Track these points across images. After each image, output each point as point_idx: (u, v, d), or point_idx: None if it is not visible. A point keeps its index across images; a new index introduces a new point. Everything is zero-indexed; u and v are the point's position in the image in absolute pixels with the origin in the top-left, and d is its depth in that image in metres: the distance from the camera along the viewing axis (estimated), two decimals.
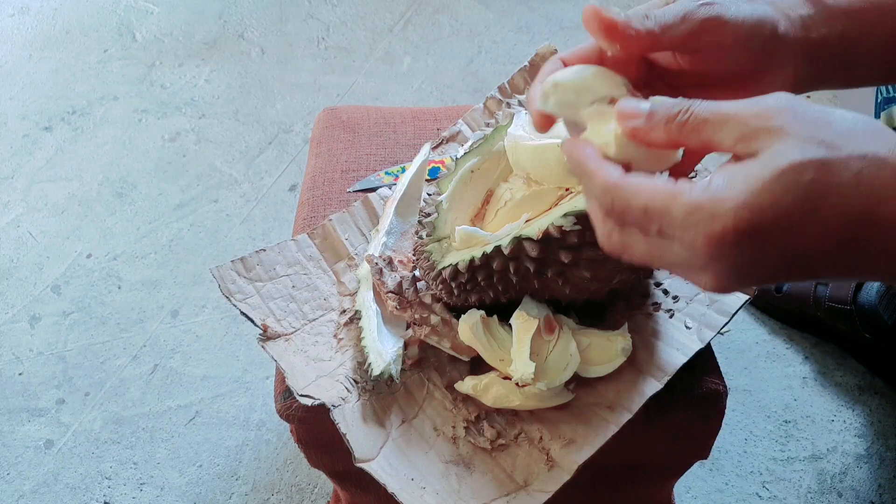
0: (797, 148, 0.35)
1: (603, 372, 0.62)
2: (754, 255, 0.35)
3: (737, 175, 0.35)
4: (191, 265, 1.38)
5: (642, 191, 0.38)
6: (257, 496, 1.10)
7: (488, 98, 0.83)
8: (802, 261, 0.36)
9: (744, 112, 0.37)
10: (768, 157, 0.35)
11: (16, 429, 1.18)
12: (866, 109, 1.47)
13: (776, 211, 0.34)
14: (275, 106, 1.66)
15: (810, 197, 0.34)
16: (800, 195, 0.34)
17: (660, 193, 0.37)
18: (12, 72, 1.77)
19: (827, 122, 0.36)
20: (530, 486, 0.59)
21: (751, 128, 0.36)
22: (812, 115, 0.36)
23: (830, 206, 0.34)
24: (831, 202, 0.34)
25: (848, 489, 1.09)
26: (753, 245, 0.35)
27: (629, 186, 0.38)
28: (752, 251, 0.35)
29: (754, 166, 0.35)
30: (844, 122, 0.36)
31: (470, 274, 0.58)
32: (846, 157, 0.34)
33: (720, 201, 0.35)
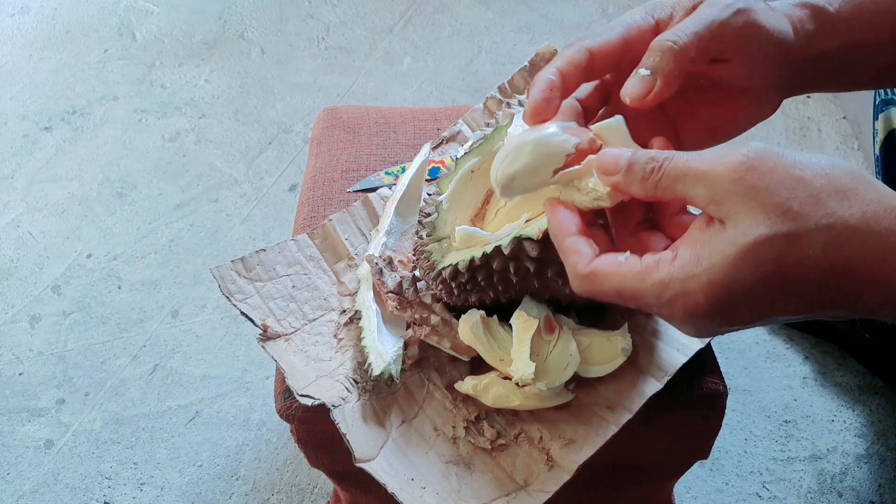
0: (762, 222, 0.35)
1: (603, 372, 0.62)
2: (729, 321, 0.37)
3: (703, 250, 0.37)
4: (191, 265, 1.38)
5: (611, 276, 0.39)
6: (257, 496, 1.10)
7: (488, 98, 0.83)
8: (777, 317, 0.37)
9: (713, 173, 0.37)
10: (734, 232, 0.36)
11: (16, 429, 1.18)
12: (865, 111, 1.47)
13: (744, 287, 0.35)
14: (275, 106, 1.66)
15: (778, 272, 0.35)
16: (767, 271, 0.35)
17: (629, 277, 0.39)
18: (12, 72, 1.77)
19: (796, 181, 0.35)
20: (530, 486, 0.59)
21: (720, 191, 0.36)
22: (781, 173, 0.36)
23: (797, 279, 0.35)
24: (798, 275, 0.35)
25: (848, 489, 1.09)
26: (726, 316, 0.37)
27: (597, 276, 0.40)
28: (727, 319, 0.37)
29: (722, 242, 0.36)
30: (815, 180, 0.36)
31: (470, 274, 0.58)
32: (812, 228, 0.35)
33: (689, 279, 0.37)
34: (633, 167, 0.40)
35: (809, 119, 1.56)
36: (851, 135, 1.52)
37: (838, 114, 1.56)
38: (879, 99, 0.86)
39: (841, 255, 0.35)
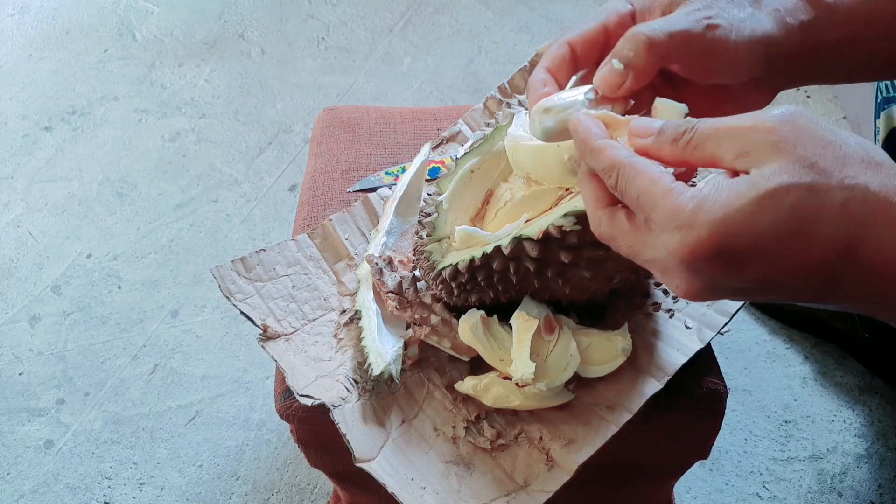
0: (787, 170, 0.34)
1: (603, 372, 0.62)
2: (727, 273, 0.36)
3: (723, 188, 0.36)
4: (191, 265, 1.38)
5: (643, 176, 0.38)
6: (257, 496, 1.10)
7: (488, 98, 0.83)
8: (775, 285, 0.36)
9: (745, 126, 0.37)
10: (757, 176, 0.35)
11: (16, 429, 1.18)
12: (866, 111, 1.47)
13: (752, 234, 0.34)
14: (275, 106, 1.66)
15: (791, 222, 0.34)
16: (779, 219, 0.34)
17: (656, 186, 0.37)
18: (12, 72, 1.77)
19: (826, 143, 0.36)
20: (530, 486, 0.59)
21: (750, 142, 0.36)
22: (813, 132, 0.36)
23: (811, 233, 0.34)
24: (813, 229, 0.34)
25: (848, 489, 1.09)
26: (726, 264, 0.35)
27: (635, 166, 0.39)
28: (724, 269, 0.36)
29: (742, 183, 0.35)
30: (844, 146, 0.36)
31: (470, 274, 0.58)
32: (834, 185, 0.34)
33: (700, 212, 0.35)
34: (665, 130, 0.40)
35: None
36: None
37: (838, 114, 1.56)
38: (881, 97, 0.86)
39: (856, 219, 0.34)
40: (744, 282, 0.36)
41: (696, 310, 0.67)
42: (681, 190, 0.37)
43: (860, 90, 1.47)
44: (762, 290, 0.36)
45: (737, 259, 0.35)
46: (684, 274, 0.37)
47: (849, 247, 0.34)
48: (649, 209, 0.38)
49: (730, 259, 0.35)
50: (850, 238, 0.34)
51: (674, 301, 0.68)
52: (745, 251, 0.35)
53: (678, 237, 0.36)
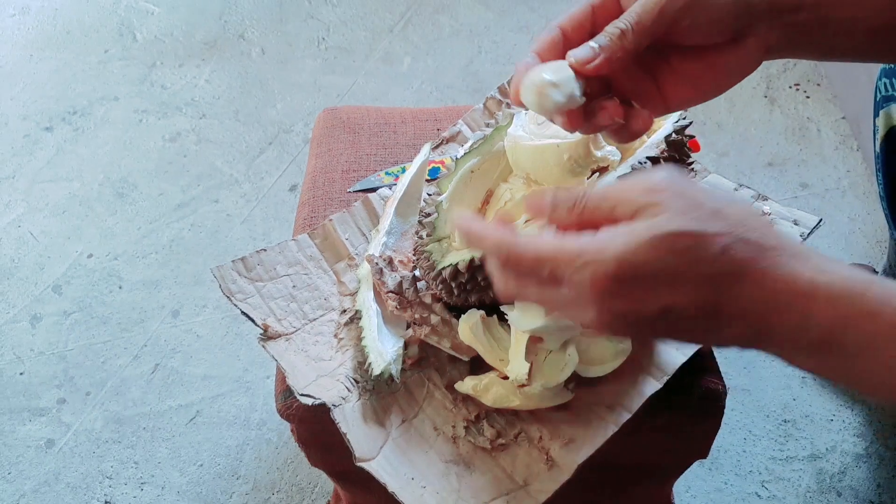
0: (675, 221, 0.39)
1: (603, 372, 0.62)
2: (633, 301, 0.40)
3: (622, 229, 0.40)
4: (191, 265, 1.38)
5: (531, 244, 0.42)
6: (258, 496, 1.10)
7: (488, 98, 0.83)
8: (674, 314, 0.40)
9: (631, 192, 0.41)
10: (653, 221, 0.39)
11: (17, 428, 1.18)
12: (864, 111, 1.47)
13: (654, 266, 0.39)
14: (275, 106, 1.67)
15: (683, 260, 0.39)
16: (675, 255, 0.39)
17: (548, 244, 0.42)
18: (13, 72, 1.77)
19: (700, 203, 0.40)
20: (530, 486, 0.59)
21: (638, 204, 0.41)
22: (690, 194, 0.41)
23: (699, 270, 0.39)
24: (700, 267, 0.39)
25: (847, 488, 1.09)
26: (632, 292, 0.39)
27: (519, 242, 0.43)
28: (631, 297, 0.40)
29: (639, 225, 0.40)
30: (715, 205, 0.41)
31: (470, 274, 0.58)
32: (716, 233, 0.39)
33: (604, 249, 0.39)
34: (557, 205, 0.44)
35: (808, 119, 1.56)
36: (850, 135, 1.52)
37: (837, 114, 1.56)
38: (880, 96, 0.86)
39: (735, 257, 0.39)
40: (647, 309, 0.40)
41: None
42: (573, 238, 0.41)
43: (859, 90, 1.47)
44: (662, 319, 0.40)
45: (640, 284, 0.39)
46: (595, 304, 0.40)
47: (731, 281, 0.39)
48: (550, 262, 0.41)
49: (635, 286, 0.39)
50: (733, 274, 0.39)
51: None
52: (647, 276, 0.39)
53: (588, 271, 0.40)
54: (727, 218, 0.40)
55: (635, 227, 0.40)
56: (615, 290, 0.39)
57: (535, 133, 0.59)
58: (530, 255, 0.42)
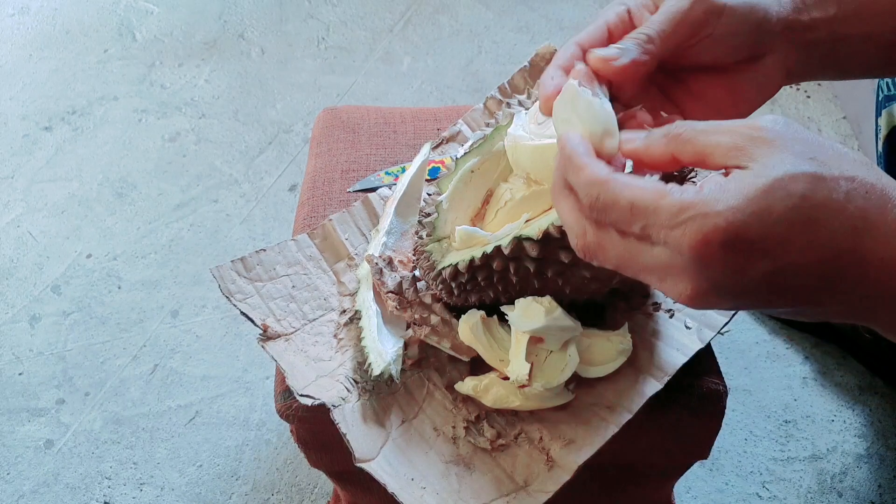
0: (789, 161, 0.34)
1: (603, 372, 0.62)
2: (740, 265, 0.34)
3: (729, 183, 0.35)
4: (191, 265, 1.38)
5: (631, 187, 0.37)
6: (257, 496, 1.10)
7: (488, 98, 0.83)
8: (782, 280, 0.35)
9: (737, 126, 0.37)
10: (761, 167, 0.35)
11: (16, 429, 1.18)
12: (865, 111, 1.47)
13: (768, 220, 0.34)
14: (275, 106, 1.66)
15: (802, 209, 0.34)
16: (792, 206, 0.34)
17: (649, 192, 0.36)
18: (12, 72, 1.77)
19: (818, 144, 0.36)
20: (530, 487, 0.59)
21: (744, 138, 0.36)
22: (803, 135, 0.36)
23: (822, 220, 0.34)
24: (821, 218, 0.34)
25: (848, 489, 1.09)
26: (741, 253, 0.34)
27: (618, 182, 0.38)
28: (739, 260, 0.34)
29: (748, 175, 0.35)
30: (834, 147, 0.36)
31: (470, 274, 0.58)
32: (837, 176, 0.34)
33: (713, 202, 0.34)
34: (655, 130, 0.40)
35: (809, 119, 1.56)
36: (851, 135, 1.52)
37: (838, 114, 1.56)
38: (882, 95, 0.86)
39: (861, 206, 0.34)
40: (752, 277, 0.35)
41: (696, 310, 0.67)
42: (677, 189, 0.36)
43: (860, 90, 1.47)
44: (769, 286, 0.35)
45: (750, 248, 0.34)
46: (692, 272, 0.35)
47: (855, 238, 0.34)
48: (646, 215, 0.36)
49: (744, 248, 0.34)
50: (857, 230, 0.34)
51: (674, 301, 0.68)
52: (759, 239, 0.34)
53: (690, 229, 0.34)
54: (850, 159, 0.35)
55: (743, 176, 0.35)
56: (719, 255, 0.34)
57: (535, 133, 0.58)
58: (625, 200, 0.37)
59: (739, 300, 0.36)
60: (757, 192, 0.34)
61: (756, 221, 0.34)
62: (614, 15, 0.49)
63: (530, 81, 0.81)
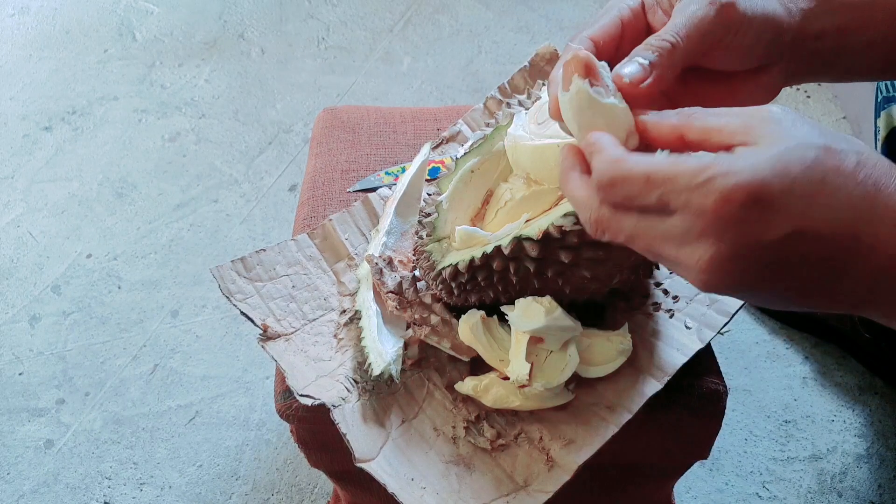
0: (798, 136, 0.35)
1: (603, 372, 0.62)
2: (761, 224, 0.34)
3: (742, 152, 0.36)
4: (191, 265, 1.38)
5: (644, 162, 0.37)
6: (257, 496, 1.10)
7: (488, 98, 0.83)
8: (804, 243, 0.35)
9: (746, 110, 0.38)
10: (770, 142, 0.35)
11: (16, 429, 1.18)
12: (865, 111, 1.47)
13: (787, 179, 0.34)
14: (275, 106, 1.66)
15: (817, 172, 0.35)
16: (807, 167, 0.34)
17: (664, 162, 0.37)
18: (12, 72, 1.77)
19: (824, 127, 0.37)
20: (530, 487, 0.59)
21: (754, 118, 0.37)
22: (807, 121, 0.37)
23: (835, 185, 0.35)
24: (836, 182, 0.35)
25: (848, 489, 1.09)
26: (763, 210, 0.34)
27: (632, 158, 0.38)
28: (760, 219, 0.34)
29: (760, 147, 0.35)
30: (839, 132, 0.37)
31: (470, 274, 0.58)
32: (846, 149, 0.36)
33: (733, 163, 0.35)
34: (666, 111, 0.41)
35: None
36: (851, 135, 1.52)
37: (838, 114, 1.56)
38: (881, 97, 0.86)
39: (871, 175, 0.35)
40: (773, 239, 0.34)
41: (695, 310, 0.67)
42: (694, 155, 0.36)
43: (860, 90, 1.47)
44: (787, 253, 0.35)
45: (771, 206, 0.34)
46: (712, 234, 0.35)
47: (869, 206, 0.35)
48: (663, 183, 0.36)
49: (765, 206, 0.34)
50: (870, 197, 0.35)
51: (674, 301, 0.68)
52: (780, 196, 0.34)
53: (711, 188, 0.35)
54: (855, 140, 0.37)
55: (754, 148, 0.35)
56: (741, 214, 0.34)
57: (535, 133, 0.58)
58: (639, 173, 0.37)
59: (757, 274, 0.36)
60: (773, 157, 0.35)
61: (776, 180, 0.34)
62: (628, 9, 0.49)
63: (530, 81, 0.81)
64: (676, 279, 0.69)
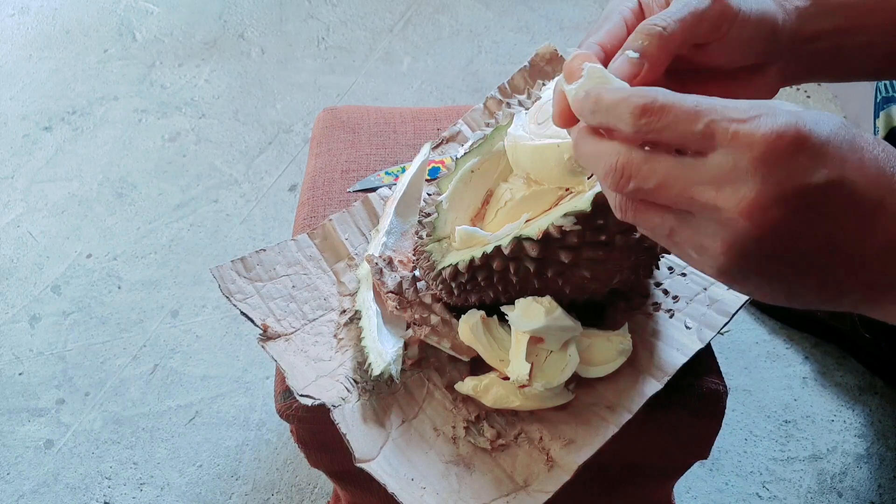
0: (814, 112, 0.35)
1: (603, 372, 0.62)
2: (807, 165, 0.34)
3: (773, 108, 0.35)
4: (191, 265, 1.38)
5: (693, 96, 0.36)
6: (257, 496, 1.10)
7: (488, 98, 0.83)
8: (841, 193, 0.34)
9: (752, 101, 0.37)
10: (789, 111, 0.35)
11: (16, 429, 1.18)
12: (865, 111, 1.47)
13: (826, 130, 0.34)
14: (275, 106, 1.66)
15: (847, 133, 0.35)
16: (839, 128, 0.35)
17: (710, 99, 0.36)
18: (12, 72, 1.77)
19: None
20: (530, 487, 0.59)
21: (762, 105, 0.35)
22: None
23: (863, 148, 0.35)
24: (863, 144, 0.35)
25: (848, 489, 1.09)
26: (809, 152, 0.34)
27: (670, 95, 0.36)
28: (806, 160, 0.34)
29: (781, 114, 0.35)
30: None
31: (470, 274, 0.58)
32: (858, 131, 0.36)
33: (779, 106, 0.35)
34: None
35: None
36: None
37: (838, 114, 1.56)
38: (880, 97, 0.86)
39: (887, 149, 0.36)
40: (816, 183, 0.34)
41: (695, 310, 0.67)
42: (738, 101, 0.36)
43: (860, 91, 1.47)
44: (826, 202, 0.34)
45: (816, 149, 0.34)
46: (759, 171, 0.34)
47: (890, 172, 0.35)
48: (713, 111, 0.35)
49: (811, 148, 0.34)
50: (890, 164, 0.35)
51: (674, 301, 0.68)
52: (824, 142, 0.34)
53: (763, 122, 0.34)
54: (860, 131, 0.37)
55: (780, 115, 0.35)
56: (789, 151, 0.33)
57: (535, 133, 0.58)
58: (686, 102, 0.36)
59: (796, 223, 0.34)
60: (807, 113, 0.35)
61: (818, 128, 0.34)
62: (629, 11, 0.48)
63: (530, 81, 0.81)
64: (676, 279, 0.69)
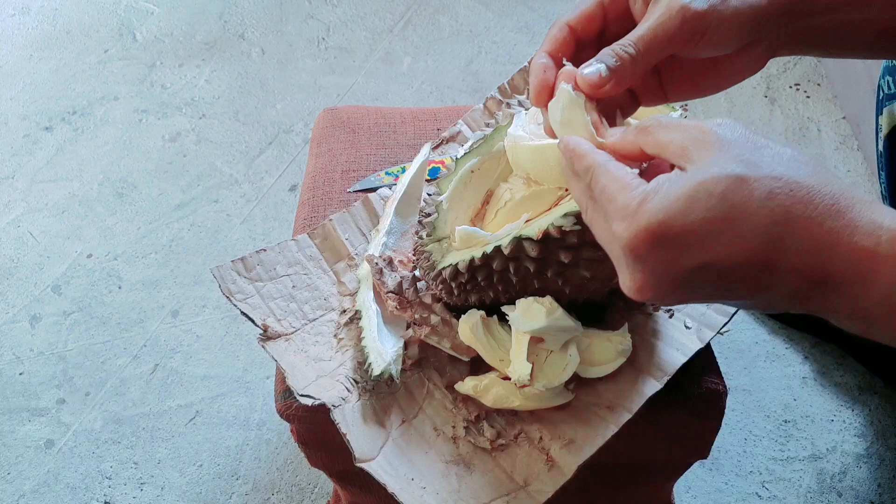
0: (718, 163, 0.38)
1: (603, 372, 0.62)
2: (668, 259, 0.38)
3: (664, 182, 0.39)
4: (191, 265, 1.38)
5: (609, 174, 0.42)
6: (257, 496, 1.10)
7: (488, 98, 0.83)
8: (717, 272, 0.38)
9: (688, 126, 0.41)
10: (695, 170, 0.38)
11: (16, 428, 1.18)
12: (865, 111, 1.47)
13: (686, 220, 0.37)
14: (275, 106, 1.66)
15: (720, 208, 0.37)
16: (710, 206, 0.37)
17: (618, 182, 0.41)
18: (13, 72, 1.77)
19: (755, 146, 0.39)
20: (530, 486, 0.59)
21: (691, 140, 0.40)
22: (744, 137, 0.39)
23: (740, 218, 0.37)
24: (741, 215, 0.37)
25: (847, 489, 1.09)
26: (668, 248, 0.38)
27: (605, 165, 0.42)
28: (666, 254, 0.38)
29: (682, 177, 0.38)
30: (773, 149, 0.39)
31: (470, 274, 0.58)
32: (762, 176, 0.37)
33: (644, 203, 0.39)
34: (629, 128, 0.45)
35: (809, 119, 1.56)
36: (851, 135, 1.52)
37: (838, 114, 1.56)
38: (883, 94, 0.86)
39: (783, 204, 0.36)
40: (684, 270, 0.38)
41: (695, 309, 0.67)
42: (635, 185, 0.40)
43: (860, 91, 1.47)
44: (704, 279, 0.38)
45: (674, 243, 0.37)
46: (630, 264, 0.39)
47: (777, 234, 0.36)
48: (607, 202, 0.41)
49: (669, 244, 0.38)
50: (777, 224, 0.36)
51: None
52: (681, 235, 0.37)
53: (623, 226, 0.39)
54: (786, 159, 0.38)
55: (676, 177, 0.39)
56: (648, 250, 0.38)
57: (535, 133, 0.59)
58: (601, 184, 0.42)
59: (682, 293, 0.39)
60: (682, 194, 0.37)
61: (675, 221, 0.37)
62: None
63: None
64: None
